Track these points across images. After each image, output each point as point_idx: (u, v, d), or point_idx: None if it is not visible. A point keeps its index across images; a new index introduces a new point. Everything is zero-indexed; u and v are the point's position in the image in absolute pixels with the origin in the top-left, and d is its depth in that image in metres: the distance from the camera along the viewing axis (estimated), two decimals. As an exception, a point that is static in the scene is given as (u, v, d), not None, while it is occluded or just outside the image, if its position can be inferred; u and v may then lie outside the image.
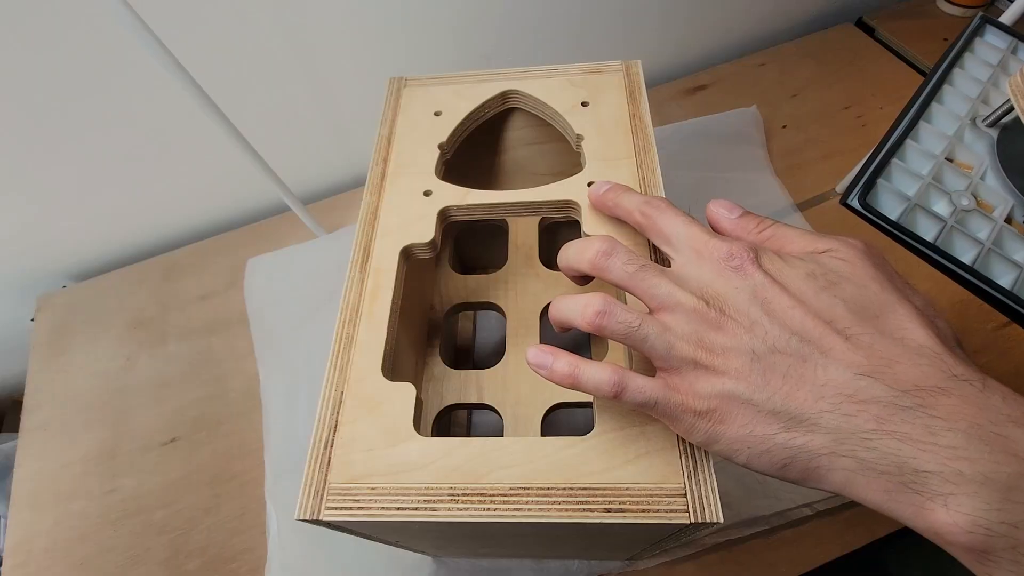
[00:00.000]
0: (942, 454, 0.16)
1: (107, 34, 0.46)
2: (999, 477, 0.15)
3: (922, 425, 0.16)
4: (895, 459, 0.16)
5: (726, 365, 0.19)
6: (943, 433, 0.16)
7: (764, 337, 0.19)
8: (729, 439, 0.19)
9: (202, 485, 0.49)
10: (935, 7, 0.75)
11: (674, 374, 0.21)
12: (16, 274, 0.63)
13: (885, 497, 0.17)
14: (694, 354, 0.20)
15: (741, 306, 0.20)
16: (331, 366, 0.27)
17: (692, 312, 0.20)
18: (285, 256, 0.60)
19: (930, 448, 0.16)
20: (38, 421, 0.54)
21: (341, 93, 0.58)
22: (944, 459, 0.16)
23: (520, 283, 0.41)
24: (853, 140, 0.63)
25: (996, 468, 0.15)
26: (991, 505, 0.15)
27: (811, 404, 0.18)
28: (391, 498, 0.23)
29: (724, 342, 0.20)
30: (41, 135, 0.51)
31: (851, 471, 0.18)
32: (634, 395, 0.21)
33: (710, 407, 0.20)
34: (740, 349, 0.19)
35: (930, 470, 0.16)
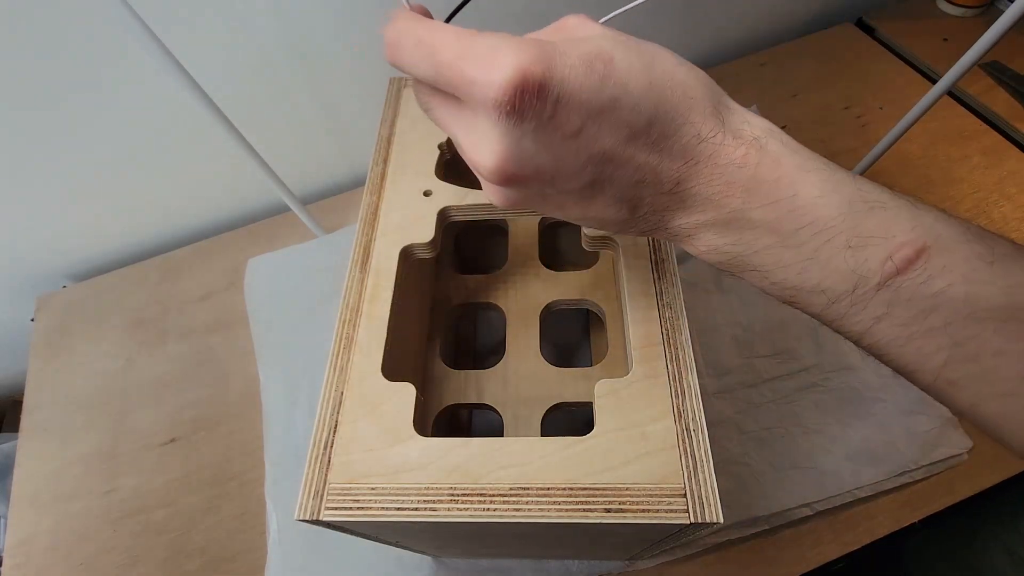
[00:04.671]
0: (684, 214, 0.21)
1: (107, 34, 0.46)
2: (721, 217, 0.20)
3: (675, 196, 0.20)
4: (657, 225, 0.22)
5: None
6: (685, 198, 0.20)
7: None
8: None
9: (202, 485, 0.49)
10: (935, 7, 0.75)
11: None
12: (16, 274, 0.63)
13: (670, 238, 0.22)
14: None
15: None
16: (331, 366, 0.27)
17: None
18: (285, 256, 0.60)
19: (676, 211, 0.21)
20: (38, 421, 0.54)
21: (341, 93, 0.58)
22: (684, 216, 0.21)
23: (520, 283, 0.41)
24: (853, 140, 0.63)
25: (718, 212, 0.20)
26: (718, 235, 0.21)
27: (607, 211, 0.22)
28: (391, 498, 0.23)
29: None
30: (41, 135, 0.51)
31: (639, 232, 0.23)
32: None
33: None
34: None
35: (677, 225, 0.21)
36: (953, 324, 0.18)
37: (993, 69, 0.67)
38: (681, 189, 0.20)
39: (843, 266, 0.19)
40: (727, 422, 0.46)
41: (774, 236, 0.20)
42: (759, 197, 0.19)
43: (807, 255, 0.19)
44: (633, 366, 0.26)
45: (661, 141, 0.19)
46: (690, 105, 0.19)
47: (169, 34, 0.37)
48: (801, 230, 0.19)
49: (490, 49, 0.17)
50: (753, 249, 0.20)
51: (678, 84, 0.19)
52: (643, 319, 0.27)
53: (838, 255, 0.19)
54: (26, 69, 0.46)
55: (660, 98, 0.19)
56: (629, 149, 0.19)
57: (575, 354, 0.50)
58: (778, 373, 0.48)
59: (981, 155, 0.61)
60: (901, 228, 0.19)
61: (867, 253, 0.19)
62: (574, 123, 0.18)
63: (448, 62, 0.18)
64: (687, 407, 0.24)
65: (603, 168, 0.19)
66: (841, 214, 0.19)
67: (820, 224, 0.19)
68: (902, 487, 0.44)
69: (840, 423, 0.45)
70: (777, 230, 0.19)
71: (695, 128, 0.19)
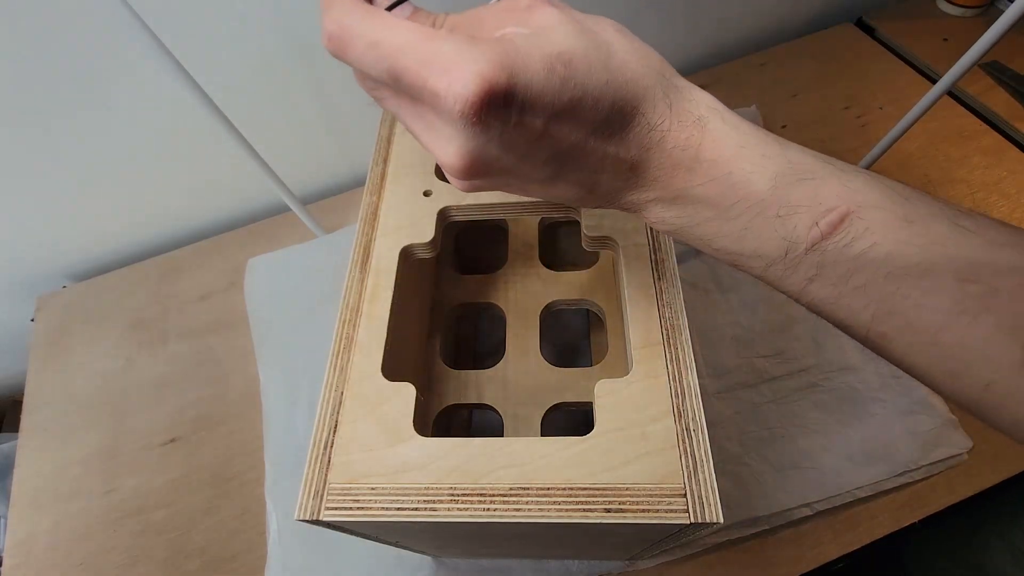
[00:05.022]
0: (635, 192, 0.22)
1: (107, 35, 0.46)
2: (667, 195, 0.22)
3: (629, 179, 0.22)
4: (612, 200, 0.23)
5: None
6: (637, 180, 0.22)
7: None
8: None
9: (202, 485, 0.49)
10: (935, 7, 0.75)
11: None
12: (16, 274, 0.63)
13: (623, 209, 0.24)
14: None
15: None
16: (331, 366, 0.27)
17: None
18: (285, 256, 0.60)
19: (628, 190, 0.22)
20: (38, 421, 0.54)
21: (341, 93, 0.58)
22: (635, 193, 0.22)
23: (520, 283, 0.41)
24: (853, 140, 0.63)
25: (665, 191, 0.22)
26: (664, 209, 0.22)
27: (568, 192, 0.23)
28: (391, 498, 0.23)
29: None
30: (41, 135, 0.51)
31: (597, 205, 0.24)
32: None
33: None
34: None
35: (629, 200, 0.23)
36: (875, 282, 0.20)
37: (993, 69, 0.67)
38: (634, 173, 0.22)
39: (774, 234, 0.21)
40: (727, 422, 0.46)
41: (714, 210, 0.21)
42: (699, 176, 0.21)
43: (743, 225, 0.21)
44: (633, 366, 0.26)
45: (617, 133, 0.20)
46: (643, 95, 0.20)
47: (169, 34, 0.37)
48: (736, 204, 0.21)
49: (453, 55, 0.17)
50: (696, 221, 0.22)
51: (632, 75, 0.20)
52: (643, 319, 0.27)
53: (769, 225, 0.21)
54: (26, 69, 0.46)
55: (616, 94, 0.20)
56: (589, 143, 0.20)
57: (575, 354, 0.50)
58: (778, 373, 0.48)
59: (981, 155, 0.61)
60: (827, 195, 0.20)
61: (795, 221, 0.20)
62: (537, 127, 0.19)
63: (407, 68, 0.18)
64: (687, 407, 0.24)
65: (564, 161, 0.21)
66: (771, 187, 0.20)
67: (752, 198, 0.21)
68: (902, 487, 0.44)
69: (840, 423, 0.45)
70: (716, 205, 0.21)
71: (647, 118, 0.20)
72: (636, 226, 0.30)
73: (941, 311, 0.19)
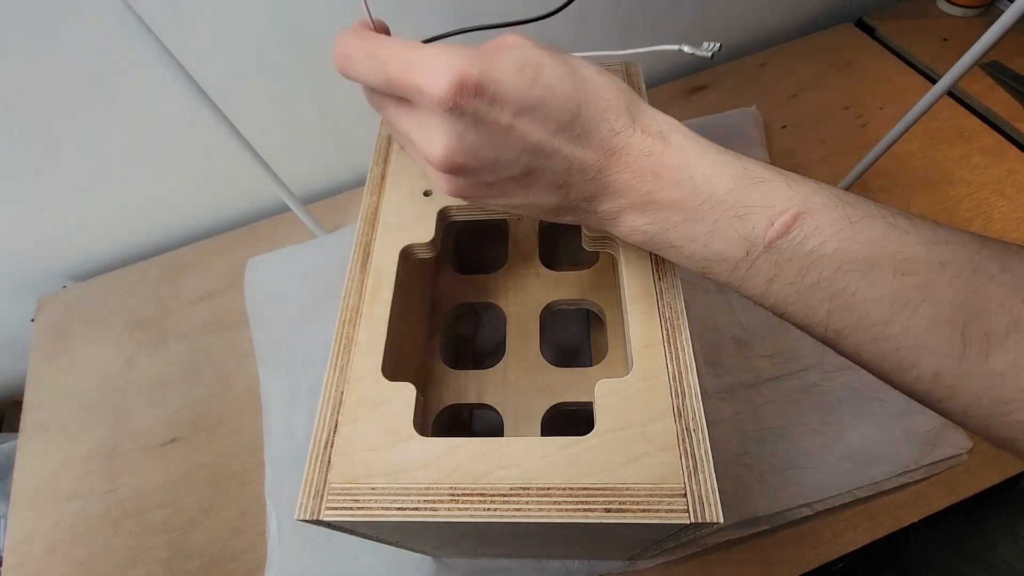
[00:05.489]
0: (607, 199, 0.24)
1: (107, 34, 0.46)
2: (638, 200, 0.23)
3: (599, 183, 0.23)
4: (587, 210, 0.25)
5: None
6: (607, 185, 0.23)
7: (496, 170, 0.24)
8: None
9: (202, 485, 0.49)
10: (935, 7, 0.75)
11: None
12: (16, 274, 0.63)
13: (595, 225, 0.26)
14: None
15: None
16: (331, 366, 0.27)
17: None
18: (285, 256, 0.60)
19: (600, 197, 0.24)
20: (38, 421, 0.54)
21: (341, 94, 0.58)
22: (607, 201, 0.24)
23: (520, 283, 0.41)
24: (853, 140, 0.63)
25: (635, 195, 0.23)
26: (637, 216, 0.24)
27: (543, 197, 0.24)
28: (391, 498, 0.23)
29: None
30: (41, 135, 0.51)
31: (575, 218, 0.26)
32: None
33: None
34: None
35: (603, 209, 0.24)
36: (828, 278, 0.21)
37: (993, 69, 0.67)
38: (602, 176, 0.23)
39: (735, 235, 0.22)
40: (727, 422, 0.46)
41: (681, 213, 0.23)
42: (665, 180, 0.23)
43: (708, 228, 0.23)
44: (633, 366, 0.26)
45: (583, 135, 0.22)
46: (606, 105, 0.23)
47: (170, 34, 0.37)
48: (701, 206, 0.23)
49: (433, 57, 0.20)
50: (666, 227, 0.23)
51: (596, 88, 0.23)
52: (643, 319, 0.27)
53: (731, 225, 0.22)
54: (27, 69, 0.46)
55: (581, 99, 0.22)
56: (556, 141, 0.22)
57: (575, 354, 0.50)
58: (778, 373, 0.48)
59: (981, 155, 0.61)
60: (779, 198, 0.22)
61: (753, 221, 0.22)
62: (507, 117, 0.21)
63: (397, 71, 0.21)
64: (687, 407, 0.24)
65: (536, 158, 0.22)
66: (730, 190, 0.22)
67: (714, 199, 0.22)
68: (902, 487, 0.44)
69: (840, 423, 0.45)
70: (683, 208, 0.23)
71: (610, 124, 0.23)
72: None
73: (886, 303, 0.21)
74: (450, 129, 0.21)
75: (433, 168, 0.23)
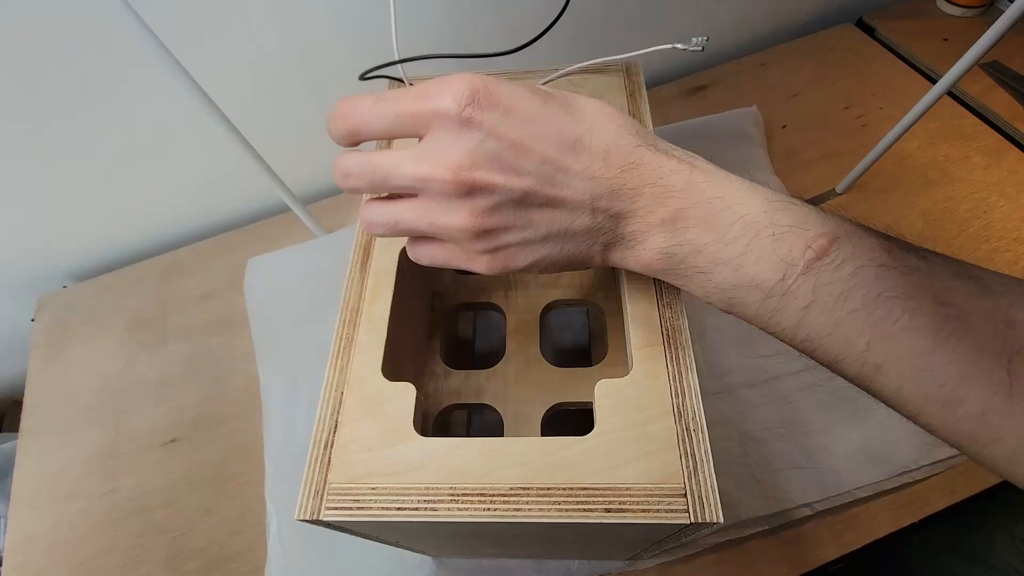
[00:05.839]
0: (635, 217, 0.23)
1: (108, 35, 0.46)
2: (667, 216, 0.22)
3: (626, 199, 0.22)
4: (617, 232, 0.23)
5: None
6: (633, 200, 0.22)
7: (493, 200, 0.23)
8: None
9: (202, 485, 0.49)
10: (935, 7, 0.75)
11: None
12: (16, 274, 0.63)
13: (620, 256, 0.24)
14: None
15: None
16: (331, 366, 0.27)
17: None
18: (285, 256, 0.60)
19: (627, 215, 0.23)
20: (38, 421, 0.54)
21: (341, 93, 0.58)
22: (635, 220, 0.23)
23: (520, 283, 0.41)
24: (853, 140, 0.63)
25: (664, 211, 0.22)
26: (665, 236, 0.23)
27: (571, 219, 0.23)
28: (391, 498, 0.23)
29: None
30: (41, 135, 0.51)
31: (602, 246, 0.24)
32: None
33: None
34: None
35: (633, 230, 0.23)
36: (868, 304, 0.20)
37: (993, 69, 0.67)
38: (626, 190, 0.22)
39: (772, 256, 0.21)
40: (727, 422, 0.46)
41: (713, 233, 0.22)
42: (695, 196, 0.22)
43: (741, 250, 0.22)
44: (633, 366, 0.26)
45: (601, 151, 0.22)
46: (622, 125, 0.23)
47: (170, 35, 0.37)
48: (733, 225, 0.22)
49: (444, 82, 0.22)
50: (696, 248, 0.22)
51: (609, 112, 0.23)
52: (643, 319, 0.27)
53: (767, 246, 0.21)
54: (26, 69, 0.46)
55: (595, 120, 0.23)
56: (572, 155, 0.22)
57: (575, 354, 0.50)
58: (778, 373, 0.48)
59: (981, 155, 0.61)
60: (812, 222, 0.21)
61: (789, 242, 0.21)
62: (521, 130, 0.22)
63: (410, 105, 0.22)
64: (687, 407, 0.24)
65: (555, 173, 0.22)
66: (763, 211, 0.22)
67: (748, 219, 0.22)
68: (902, 487, 0.44)
69: (840, 423, 0.45)
70: (715, 226, 0.22)
71: (629, 139, 0.23)
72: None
73: (929, 334, 0.20)
74: (468, 141, 0.21)
75: (458, 227, 0.23)
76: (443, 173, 0.22)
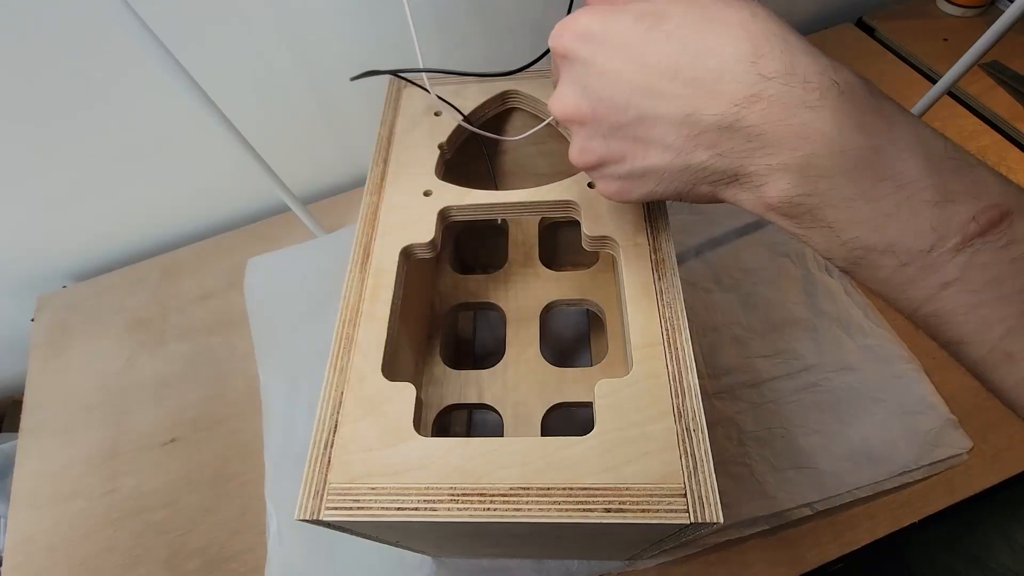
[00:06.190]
0: (755, 156, 0.20)
1: (108, 35, 0.46)
2: (794, 161, 0.19)
3: (740, 138, 0.19)
4: (729, 171, 0.21)
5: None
6: (755, 139, 0.19)
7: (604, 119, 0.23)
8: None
9: (202, 485, 0.49)
10: (935, 7, 0.75)
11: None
12: (16, 274, 0.63)
13: (733, 194, 0.22)
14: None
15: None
16: (331, 366, 0.27)
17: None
18: (285, 256, 0.60)
19: (747, 154, 0.20)
20: (38, 421, 0.54)
21: (341, 93, 0.58)
22: (757, 160, 0.20)
23: (520, 283, 0.41)
24: (853, 140, 0.63)
25: (792, 155, 0.19)
26: (791, 183, 0.19)
27: (665, 155, 0.22)
28: (391, 498, 0.23)
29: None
30: (41, 135, 0.51)
31: (712, 185, 0.22)
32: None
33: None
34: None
35: (751, 171, 0.20)
36: (1022, 291, 0.18)
37: (993, 69, 0.67)
38: (739, 126, 0.19)
39: (924, 224, 0.18)
40: (727, 422, 0.46)
41: (852, 188, 0.19)
42: (838, 143, 0.18)
43: (886, 211, 0.18)
44: (633, 366, 0.26)
45: (710, 79, 0.19)
46: (749, 49, 0.19)
47: (170, 35, 0.37)
48: (882, 183, 0.18)
49: (565, 18, 0.22)
50: (828, 202, 0.19)
51: (734, 31, 0.19)
52: (643, 319, 0.27)
53: (921, 211, 0.18)
54: (27, 70, 0.46)
55: (709, 44, 0.19)
56: (672, 84, 0.20)
57: (575, 354, 0.50)
58: (778, 373, 0.48)
59: (981, 155, 0.60)
60: (988, 190, 0.18)
61: (951, 211, 0.18)
62: (616, 61, 0.21)
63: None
64: (687, 407, 0.24)
65: (647, 100, 0.20)
66: (928, 170, 0.18)
67: (904, 178, 0.18)
68: (902, 487, 0.44)
69: (840, 423, 0.45)
70: (858, 181, 0.18)
71: (755, 68, 0.19)
72: (636, 226, 0.30)
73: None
74: (566, 76, 0.22)
75: (572, 158, 0.24)
76: (552, 108, 0.23)
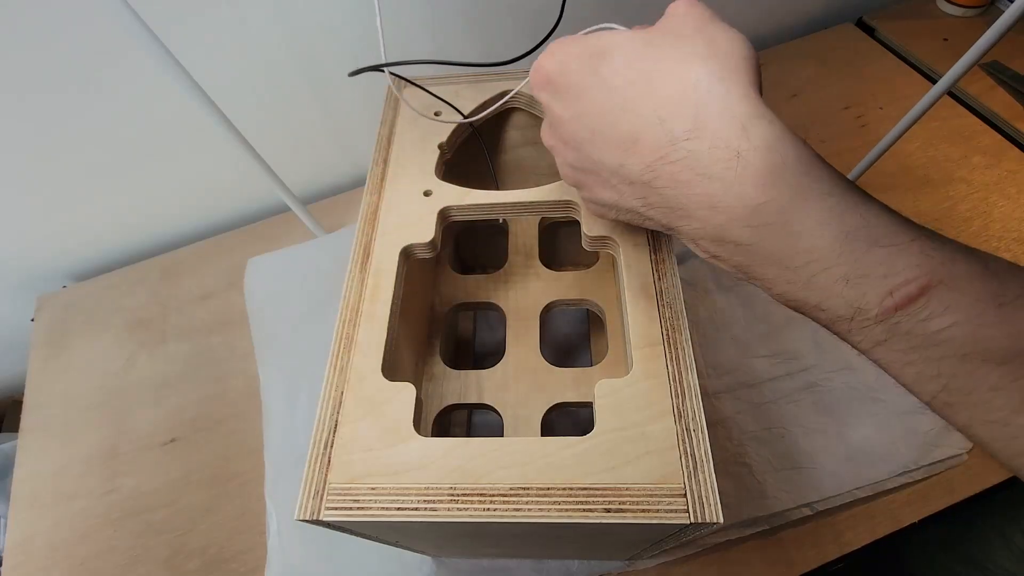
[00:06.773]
0: (676, 218, 0.21)
1: (107, 34, 0.46)
2: (710, 231, 0.20)
3: (660, 198, 0.20)
4: (663, 223, 0.22)
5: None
6: (671, 201, 0.20)
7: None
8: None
9: (202, 485, 0.49)
10: (935, 7, 0.75)
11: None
12: (16, 274, 0.63)
13: (682, 238, 0.22)
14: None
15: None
16: (331, 366, 0.27)
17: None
18: (285, 256, 0.60)
19: (668, 213, 0.21)
20: (38, 421, 0.54)
21: (341, 93, 0.58)
22: (678, 221, 0.21)
23: (520, 283, 0.41)
24: (853, 140, 0.63)
25: (704, 225, 0.20)
26: (713, 247, 0.20)
27: (612, 194, 0.23)
28: (391, 498, 0.23)
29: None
30: (41, 135, 0.51)
31: (659, 227, 0.23)
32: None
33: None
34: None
35: (677, 227, 0.21)
36: (950, 360, 0.18)
37: (993, 69, 0.67)
38: (659, 187, 0.20)
39: (840, 298, 0.19)
40: (727, 422, 0.46)
41: (768, 257, 0.19)
42: (746, 217, 0.19)
43: (804, 280, 0.19)
44: (633, 366, 0.26)
45: (626, 137, 0.20)
46: (670, 103, 0.20)
47: (170, 35, 0.37)
48: (796, 255, 0.19)
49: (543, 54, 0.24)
50: (754, 262, 0.20)
51: (664, 80, 0.20)
52: (643, 319, 0.27)
53: (835, 286, 0.18)
54: (28, 70, 0.46)
55: (638, 94, 0.20)
56: (596, 140, 0.22)
57: (575, 354, 0.50)
58: (778, 373, 0.48)
59: (981, 155, 0.61)
60: (906, 264, 0.18)
61: (864, 288, 0.18)
62: (563, 109, 0.23)
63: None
64: (687, 407, 0.24)
65: (582, 154, 0.23)
66: (839, 247, 0.18)
67: (815, 254, 0.18)
68: (902, 487, 0.44)
69: (840, 423, 0.45)
70: (770, 252, 0.19)
71: (668, 127, 0.19)
72: (636, 226, 0.30)
73: (1016, 396, 0.18)
74: (544, 108, 0.24)
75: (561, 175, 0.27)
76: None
